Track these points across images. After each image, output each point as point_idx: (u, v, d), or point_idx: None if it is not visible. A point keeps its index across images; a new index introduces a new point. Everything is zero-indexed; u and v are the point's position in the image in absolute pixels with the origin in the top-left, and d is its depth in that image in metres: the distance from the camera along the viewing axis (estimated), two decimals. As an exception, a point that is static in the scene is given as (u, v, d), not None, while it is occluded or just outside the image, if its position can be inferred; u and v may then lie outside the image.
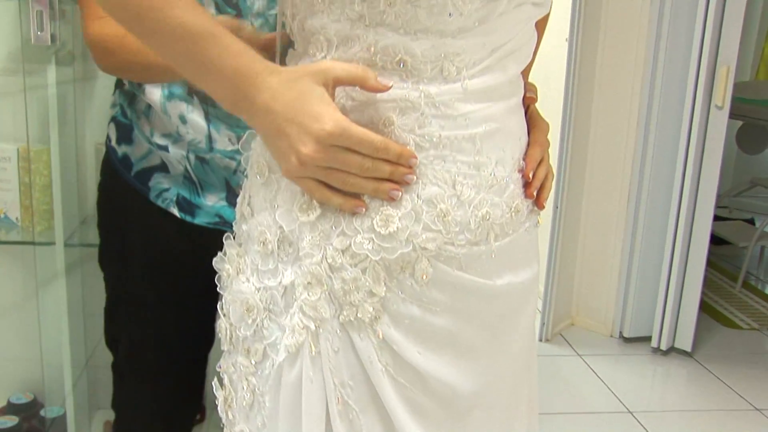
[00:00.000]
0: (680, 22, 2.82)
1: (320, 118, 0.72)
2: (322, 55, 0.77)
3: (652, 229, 3.03)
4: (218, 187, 1.27)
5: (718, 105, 2.81)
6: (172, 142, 1.24)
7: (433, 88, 0.75)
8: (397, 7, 0.72)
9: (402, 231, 0.75)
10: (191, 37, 0.73)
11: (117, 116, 1.31)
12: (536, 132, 0.88)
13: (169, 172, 1.27)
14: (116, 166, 1.30)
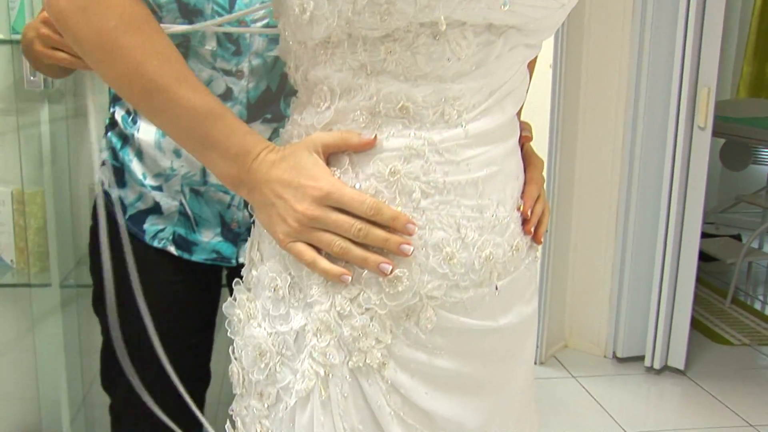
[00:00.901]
0: (661, 46, 2.88)
1: (315, 179, 0.76)
2: (326, 105, 0.79)
3: (641, 249, 3.06)
4: (213, 222, 1.28)
5: (700, 126, 2.86)
6: (165, 180, 1.26)
7: (436, 134, 0.77)
8: (397, 55, 0.75)
9: (409, 288, 0.77)
10: (198, 117, 0.77)
11: (109, 159, 1.32)
12: (532, 170, 0.90)
13: (163, 214, 1.28)
14: (109, 209, 1.30)
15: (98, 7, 0.76)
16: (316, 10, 0.74)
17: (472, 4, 0.72)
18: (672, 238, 2.95)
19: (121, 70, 0.77)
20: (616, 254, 3.12)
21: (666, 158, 2.92)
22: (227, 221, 1.27)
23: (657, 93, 2.91)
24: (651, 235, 3.03)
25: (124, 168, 1.29)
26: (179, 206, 1.27)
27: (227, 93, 1.20)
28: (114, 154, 1.30)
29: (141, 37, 0.77)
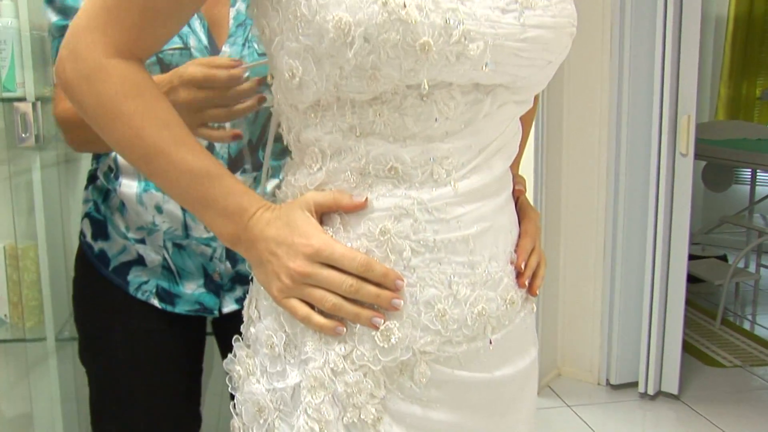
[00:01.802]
0: (640, 76, 2.93)
1: (308, 237, 0.78)
2: (317, 166, 0.82)
3: (630, 275, 3.09)
4: (196, 274, 1.29)
5: (682, 152, 2.91)
6: (147, 234, 1.27)
7: (425, 193, 0.79)
8: (386, 117, 0.77)
9: (402, 340, 0.79)
10: (197, 178, 0.80)
11: (91, 212, 1.33)
12: (526, 222, 0.92)
13: (147, 265, 1.29)
14: (93, 261, 1.32)
15: (101, 76, 0.79)
16: (305, 75, 0.77)
17: (456, 66, 0.74)
18: (660, 262, 2.99)
19: (122, 135, 0.80)
20: (605, 281, 3.15)
21: (650, 186, 2.96)
22: (210, 273, 1.29)
23: (638, 122, 2.96)
24: (639, 261, 3.06)
25: (106, 221, 1.30)
26: (162, 260, 1.29)
27: (208, 148, 1.22)
28: (96, 207, 1.32)
29: (141, 104, 0.80)
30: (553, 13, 0.79)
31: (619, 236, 3.06)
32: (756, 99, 5.40)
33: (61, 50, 0.81)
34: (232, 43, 1.22)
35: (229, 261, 1.28)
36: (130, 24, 0.79)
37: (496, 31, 0.75)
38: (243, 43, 1.22)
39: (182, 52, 1.18)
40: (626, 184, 3.01)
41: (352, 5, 0.71)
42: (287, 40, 0.77)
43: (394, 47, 0.71)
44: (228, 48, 1.21)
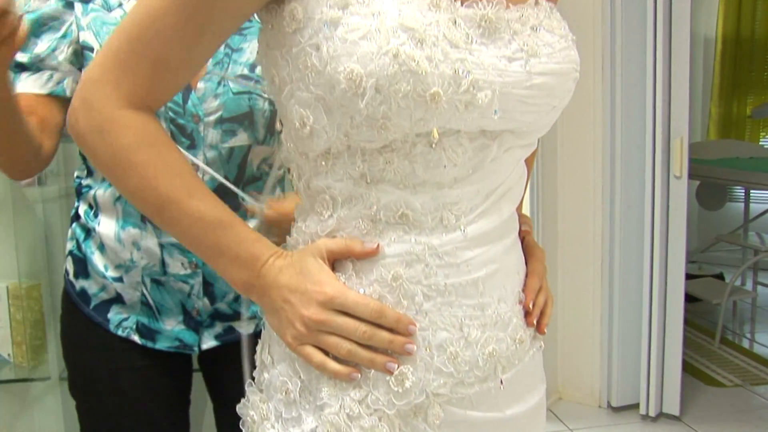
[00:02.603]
0: (632, 100, 2.97)
1: (321, 284, 0.79)
2: (328, 213, 0.83)
3: (628, 296, 3.11)
4: (175, 311, 1.30)
5: (676, 175, 2.94)
6: (125, 271, 1.28)
7: (435, 239, 0.80)
8: (396, 164, 0.78)
9: (416, 384, 0.80)
10: (209, 226, 0.81)
11: (73, 250, 1.34)
12: (533, 262, 0.93)
13: (126, 303, 1.30)
14: (74, 300, 1.33)
15: (114, 127, 0.80)
16: (316, 124, 0.78)
17: (464, 115, 0.76)
18: (657, 283, 3.01)
19: (135, 186, 0.81)
20: (603, 304, 3.17)
21: (646, 208, 2.99)
22: (188, 309, 1.30)
23: (632, 145, 3.00)
24: (636, 283, 3.08)
25: (86, 260, 1.31)
26: (141, 296, 1.30)
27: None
28: (78, 245, 1.33)
29: (153, 154, 0.81)
30: (557, 60, 0.81)
31: (617, 259, 3.08)
32: (747, 117, 5.46)
33: (74, 101, 0.82)
34: (206, 80, 1.23)
35: (207, 298, 1.30)
36: (142, 76, 0.80)
37: (503, 79, 0.77)
38: (218, 81, 1.24)
39: None
40: (622, 207, 3.04)
41: (363, 57, 0.72)
42: (298, 89, 0.78)
43: (404, 98, 0.73)
44: (203, 84, 1.22)
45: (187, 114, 1.22)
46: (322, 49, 0.74)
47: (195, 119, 1.22)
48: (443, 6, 0.75)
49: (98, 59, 0.82)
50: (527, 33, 0.80)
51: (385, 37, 0.72)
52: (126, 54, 0.80)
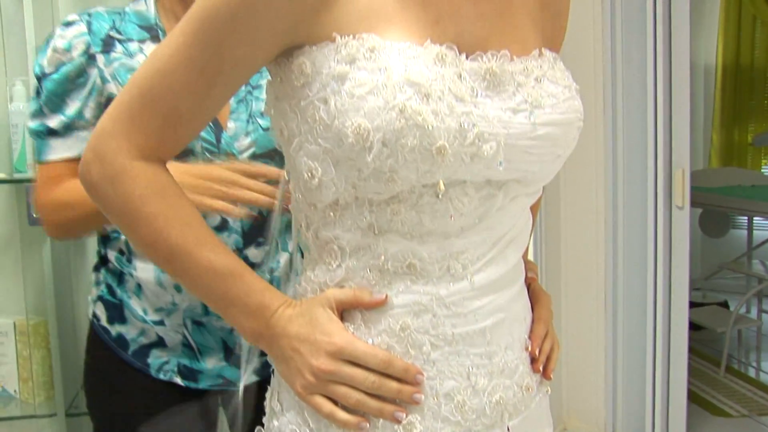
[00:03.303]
0: (633, 131, 2.99)
1: (330, 334, 0.80)
2: (336, 263, 0.84)
3: (632, 326, 3.11)
4: (216, 349, 1.31)
5: (678, 205, 2.95)
6: (166, 314, 1.29)
7: (443, 289, 0.81)
8: (403, 215, 0.79)
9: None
10: (219, 276, 0.82)
11: (104, 295, 1.33)
12: (539, 308, 0.94)
13: (167, 346, 1.30)
14: (110, 345, 1.32)
15: (126, 179, 0.82)
16: (324, 176, 0.79)
17: (470, 166, 0.77)
18: (661, 312, 3.00)
19: (147, 235, 0.83)
20: (607, 333, 3.17)
21: (648, 239, 3.00)
22: (230, 346, 1.31)
23: (634, 177, 3.01)
24: (640, 312, 3.08)
25: (123, 305, 1.31)
26: (182, 338, 1.30)
27: (222, 224, 1.25)
28: (110, 290, 1.32)
29: (164, 205, 0.82)
30: (561, 110, 0.83)
31: (620, 289, 3.09)
32: (748, 145, 5.48)
33: (86, 153, 0.84)
34: (235, 119, 1.25)
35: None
36: (154, 128, 0.82)
37: (508, 131, 0.78)
38: (246, 119, 1.26)
39: None
40: (624, 237, 3.05)
41: (371, 112, 0.73)
42: (306, 142, 0.79)
43: (411, 151, 0.74)
44: (233, 124, 1.24)
45: (221, 153, 1.24)
46: (330, 104, 0.76)
47: (230, 158, 1.24)
48: (448, 60, 0.77)
49: (110, 112, 0.83)
50: (531, 85, 0.81)
51: (391, 92, 0.73)
52: (138, 107, 0.81)
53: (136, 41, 1.25)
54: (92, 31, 1.24)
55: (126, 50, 1.25)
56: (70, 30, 1.24)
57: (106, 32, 1.25)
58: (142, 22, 1.28)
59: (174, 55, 0.80)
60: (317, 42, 0.78)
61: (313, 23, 0.78)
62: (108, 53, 1.24)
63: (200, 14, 0.79)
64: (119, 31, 1.26)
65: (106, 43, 1.24)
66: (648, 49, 2.89)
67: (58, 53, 1.23)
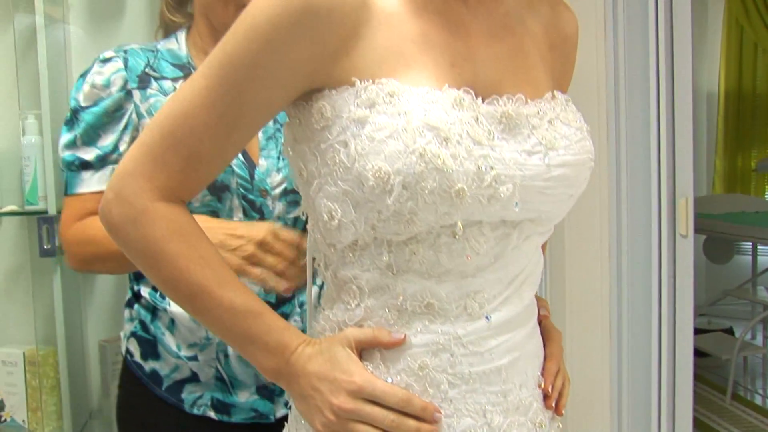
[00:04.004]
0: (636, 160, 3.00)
1: (350, 373, 0.81)
2: (355, 302, 0.85)
3: (637, 354, 3.09)
4: (249, 382, 1.31)
5: (682, 234, 2.96)
6: (200, 350, 1.30)
7: (460, 328, 0.83)
8: (421, 255, 0.81)
9: None
10: (240, 315, 0.83)
11: (137, 331, 1.34)
12: (551, 345, 0.96)
13: (201, 381, 1.31)
14: (144, 381, 1.33)
15: (147, 220, 0.83)
16: (344, 218, 0.80)
17: (487, 207, 0.79)
18: (666, 340, 3.00)
19: (167, 275, 0.84)
20: (612, 362, 3.16)
21: (652, 267, 3.00)
22: (262, 379, 1.31)
23: (637, 206, 3.02)
24: (645, 340, 3.07)
25: (156, 341, 1.32)
26: (215, 372, 1.30)
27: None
28: (144, 326, 1.34)
29: (185, 245, 0.83)
30: (574, 151, 0.85)
31: (624, 317, 3.08)
32: (752, 171, 5.50)
33: (107, 193, 0.85)
34: (266, 156, 1.27)
35: None
36: (175, 170, 0.83)
37: (523, 173, 0.80)
38: (277, 155, 1.28)
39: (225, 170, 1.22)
40: (628, 266, 3.05)
41: (391, 156, 0.75)
42: (326, 184, 0.81)
43: (431, 194, 0.76)
44: (264, 161, 1.26)
45: (255, 189, 1.26)
46: (350, 147, 0.77)
47: (263, 194, 1.26)
48: (466, 104, 0.79)
49: (132, 153, 0.85)
50: (545, 127, 0.84)
51: (411, 137, 0.75)
52: (159, 149, 0.83)
53: (169, 79, 1.28)
54: (128, 67, 1.27)
55: (161, 88, 1.27)
56: (107, 66, 1.27)
57: (142, 69, 1.28)
58: (175, 60, 1.31)
59: (196, 98, 0.81)
60: (337, 86, 0.80)
61: (332, 67, 0.80)
62: (144, 90, 1.26)
63: (222, 59, 0.81)
64: (154, 68, 1.29)
65: (141, 79, 1.27)
66: (650, 78, 2.91)
67: (97, 88, 1.26)
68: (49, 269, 1.97)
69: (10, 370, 2.11)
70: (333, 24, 0.79)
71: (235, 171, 1.24)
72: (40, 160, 1.92)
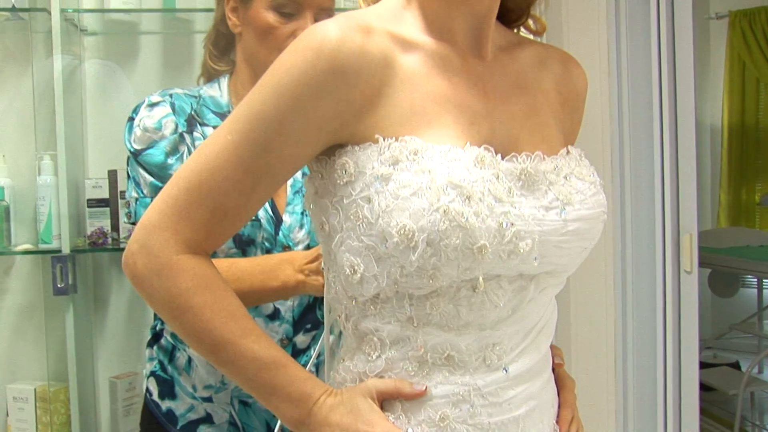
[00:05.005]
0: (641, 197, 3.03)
1: (372, 424, 0.82)
2: (376, 354, 0.86)
3: (642, 389, 3.10)
4: (260, 429, 1.34)
5: (686, 270, 2.97)
6: (215, 392, 1.32)
7: (480, 379, 0.84)
8: (441, 308, 0.82)
9: None
10: (263, 366, 0.84)
11: (156, 371, 1.37)
12: (565, 392, 0.97)
13: (215, 423, 1.33)
14: (161, 420, 1.35)
15: (171, 272, 0.84)
16: (366, 272, 0.82)
17: (507, 262, 0.81)
18: (671, 374, 3.00)
19: (192, 327, 0.85)
20: (617, 397, 3.15)
21: (657, 303, 3.00)
22: (273, 428, 1.31)
23: (642, 242, 3.04)
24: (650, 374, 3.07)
25: (173, 381, 1.34)
26: (229, 417, 1.33)
27: (274, 313, 1.29)
28: (162, 366, 1.36)
29: (210, 297, 0.84)
30: (589, 205, 0.87)
31: (630, 352, 3.08)
32: (756, 205, 5.51)
33: (131, 244, 0.86)
34: (291, 212, 1.29)
35: None
36: (200, 223, 0.84)
37: (542, 228, 0.82)
38: (302, 211, 1.30)
39: (253, 224, 1.25)
40: (633, 302, 3.05)
41: (416, 213, 0.77)
42: (348, 238, 0.82)
43: (454, 250, 0.77)
44: (289, 217, 1.29)
45: (278, 245, 1.28)
46: (374, 203, 0.79)
47: (286, 250, 1.28)
48: (487, 162, 0.81)
49: (157, 206, 0.86)
50: (561, 183, 0.86)
51: (435, 195, 0.77)
52: (185, 202, 0.84)
53: (211, 127, 1.30)
54: (176, 111, 1.30)
55: (204, 135, 1.30)
56: (156, 110, 1.29)
57: (189, 113, 1.31)
58: (216, 108, 1.33)
59: (222, 152, 0.83)
60: (360, 142, 0.82)
61: (356, 125, 0.82)
62: (191, 134, 1.29)
63: (249, 115, 0.83)
64: (198, 114, 1.31)
65: (189, 123, 1.30)
66: (654, 114, 2.94)
67: (149, 132, 1.28)
68: (62, 307, 1.99)
69: (21, 406, 2.13)
70: (359, 84, 0.81)
71: (262, 225, 1.26)
72: (55, 199, 1.96)
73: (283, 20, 1.28)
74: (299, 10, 1.28)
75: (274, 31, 1.27)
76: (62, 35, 1.94)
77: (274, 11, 1.28)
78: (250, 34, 1.32)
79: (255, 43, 1.31)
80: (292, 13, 1.28)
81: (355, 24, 0.82)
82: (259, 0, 1.29)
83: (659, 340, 3.00)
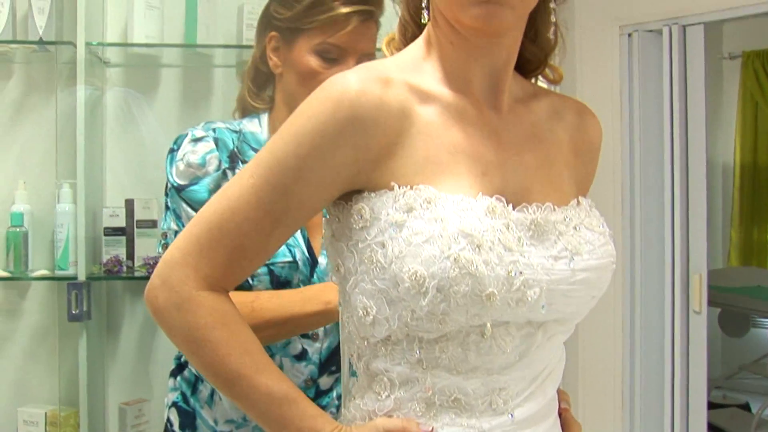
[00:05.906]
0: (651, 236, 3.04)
1: None
2: (386, 393, 0.88)
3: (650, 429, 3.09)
4: None
5: (696, 310, 2.98)
6: (236, 427, 1.32)
7: (485, 422, 0.86)
8: (450, 352, 0.85)
9: None
10: (276, 401, 0.87)
11: (178, 402, 1.37)
12: None
13: None
14: None
15: (191, 307, 0.87)
16: (379, 315, 0.85)
17: (515, 309, 0.83)
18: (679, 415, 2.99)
19: (208, 361, 0.88)
20: (626, 437, 3.15)
21: (666, 343, 3.00)
22: None
23: (651, 282, 3.04)
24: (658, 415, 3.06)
25: (195, 413, 1.35)
26: None
27: (302, 354, 1.29)
28: (184, 398, 1.37)
29: (226, 333, 0.88)
30: (597, 256, 0.89)
31: (637, 392, 3.07)
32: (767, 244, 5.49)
33: (154, 279, 0.90)
34: (325, 254, 1.28)
35: None
36: (220, 262, 0.88)
37: (550, 277, 0.85)
38: None
39: (291, 266, 1.26)
40: (642, 341, 3.05)
41: (427, 260, 0.80)
42: (362, 281, 0.85)
43: (463, 297, 0.80)
44: (324, 260, 1.29)
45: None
46: (387, 248, 0.82)
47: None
48: (498, 212, 0.84)
49: (179, 243, 0.90)
50: (570, 233, 0.88)
51: (446, 243, 0.80)
52: (206, 241, 0.88)
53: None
54: (219, 147, 1.30)
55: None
56: (200, 146, 1.29)
57: (231, 149, 1.31)
58: (256, 145, 1.33)
59: (243, 195, 0.87)
60: (376, 189, 0.86)
61: (373, 172, 0.86)
62: (233, 170, 1.29)
63: (270, 161, 0.86)
64: (239, 150, 1.32)
65: (231, 159, 1.30)
66: (665, 153, 2.96)
67: (193, 168, 1.28)
68: (76, 333, 2.01)
69: (31, 429, 2.15)
70: (376, 133, 0.85)
71: (299, 267, 1.27)
72: (73, 227, 1.99)
73: (326, 65, 1.27)
74: (343, 55, 1.28)
75: (316, 76, 1.24)
76: (86, 67, 1.98)
77: (318, 56, 1.27)
78: (292, 76, 1.31)
79: (296, 85, 1.30)
80: (336, 59, 1.27)
81: (375, 76, 0.86)
82: (303, 43, 1.28)
83: (667, 380, 2.99)
